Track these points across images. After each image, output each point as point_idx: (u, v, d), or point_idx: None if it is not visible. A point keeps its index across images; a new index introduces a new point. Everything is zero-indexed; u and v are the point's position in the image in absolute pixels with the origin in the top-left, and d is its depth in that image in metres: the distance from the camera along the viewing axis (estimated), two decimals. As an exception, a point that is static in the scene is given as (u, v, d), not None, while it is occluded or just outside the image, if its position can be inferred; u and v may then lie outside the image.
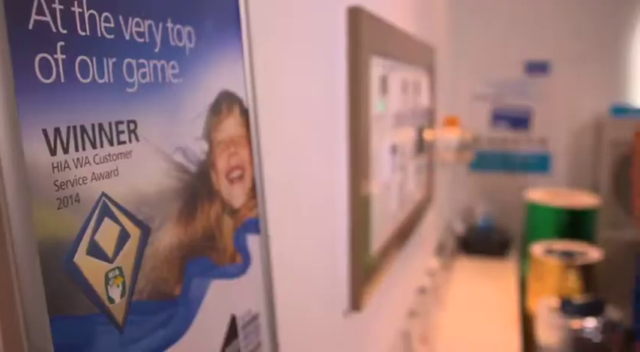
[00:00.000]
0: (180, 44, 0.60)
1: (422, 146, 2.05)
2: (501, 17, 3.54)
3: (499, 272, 3.11)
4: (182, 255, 0.59)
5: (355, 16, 1.14)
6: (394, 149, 1.52)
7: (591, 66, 3.46)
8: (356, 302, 1.23)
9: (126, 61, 0.52)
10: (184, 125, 0.60)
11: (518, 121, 3.51)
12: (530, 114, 3.48)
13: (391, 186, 1.59)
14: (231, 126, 0.70)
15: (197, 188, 0.62)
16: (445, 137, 2.85)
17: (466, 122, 3.58)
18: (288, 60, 0.89)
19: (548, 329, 2.51)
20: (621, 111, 3.13)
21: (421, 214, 2.18)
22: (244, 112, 0.73)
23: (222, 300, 0.67)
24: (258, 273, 0.76)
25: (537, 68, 3.34)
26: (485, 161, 3.65)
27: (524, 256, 3.18)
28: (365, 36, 1.18)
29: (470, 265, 3.25)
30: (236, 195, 0.70)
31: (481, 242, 3.35)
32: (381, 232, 1.50)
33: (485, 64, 3.58)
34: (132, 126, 0.52)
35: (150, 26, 0.55)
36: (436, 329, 2.38)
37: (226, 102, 0.69)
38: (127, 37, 0.52)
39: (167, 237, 0.57)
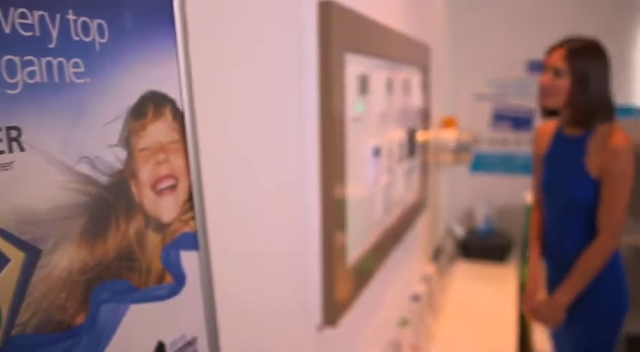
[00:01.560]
0: (87, 39, 0.53)
1: (413, 148, 1.97)
2: (503, 16, 3.45)
3: (499, 277, 3.02)
4: (87, 279, 0.52)
5: (326, 10, 1.06)
6: (378, 151, 1.45)
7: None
8: (331, 316, 1.16)
9: (5, 58, 0.45)
10: (93, 131, 0.53)
11: (520, 121, 3.41)
12: (533, 114, 3.38)
13: (375, 190, 1.51)
14: (159, 130, 0.62)
15: (109, 202, 0.55)
16: (443, 138, 2.77)
17: (467, 122, 3.49)
18: (242, 58, 0.82)
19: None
20: (625, 111, 3.02)
21: (413, 218, 2.10)
22: (178, 115, 0.65)
23: (145, 326, 0.60)
24: (195, 293, 0.68)
25: (540, 68, 3.22)
26: (486, 162, 3.55)
27: (525, 260, 3.08)
28: (337, 32, 1.10)
29: (469, 270, 3.16)
30: (166, 208, 0.63)
31: (481, 246, 3.26)
32: (362, 239, 1.42)
33: (487, 63, 3.49)
34: (13, 133, 0.45)
35: (42, 18, 0.48)
36: (429, 337, 2.30)
37: (153, 105, 0.61)
38: (8, 31, 0.45)
39: (65, 259, 0.50)
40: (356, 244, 1.36)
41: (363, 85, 1.29)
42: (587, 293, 1.66)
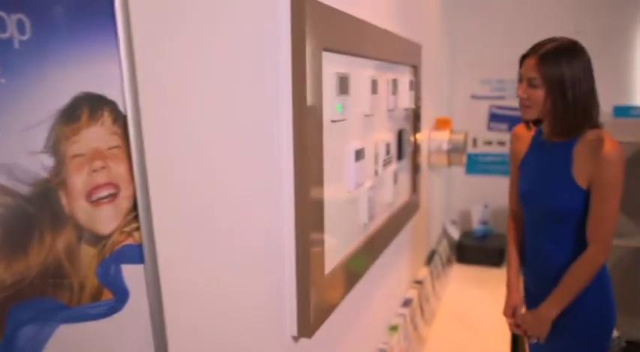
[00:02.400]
0: (4, 36, 0.48)
1: (403, 149, 1.92)
2: (500, 15, 3.40)
3: (494, 281, 2.96)
4: (2, 298, 0.47)
5: (300, 6, 1.01)
6: (361, 154, 1.40)
7: (593, 65, 3.30)
8: (306, 327, 1.11)
9: None
10: (10, 136, 0.48)
11: (517, 122, 3.35)
12: (530, 114, 3.33)
13: (359, 193, 1.46)
14: (96, 135, 0.58)
15: (31, 214, 0.50)
16: (437, 139, 2.72)
17: (463, 123, 3.44)
18: (203, 55, 0.77)
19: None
20: (624, 112, 2.97)
21: (403, 221, 2.05)
22: (120, 119, 0.61)
23: (77, 348, 0.55)
24: (141, 310, 0.64)
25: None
26: (482, 164, 3.50)
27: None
28: (312, 29, 1.05)
29: (464, 274, 3.11)
30: (104, 219, 0.58)
31: (477, 249, 3.21)
32: (344, 244, 1.37)
33: (484, 63, 3.44)
34: None
35: (-57, 12, 0.43)
36: (420, 343, 2.25)
37: (88, 107, 0.57)
38: None
39: (-27, 278, 0.45)
40: (337, 250, 1.31)
41: (344, 84, 1.24)
42: (573, 307, 1.58)
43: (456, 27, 3.53)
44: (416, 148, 2.19)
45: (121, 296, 0.61)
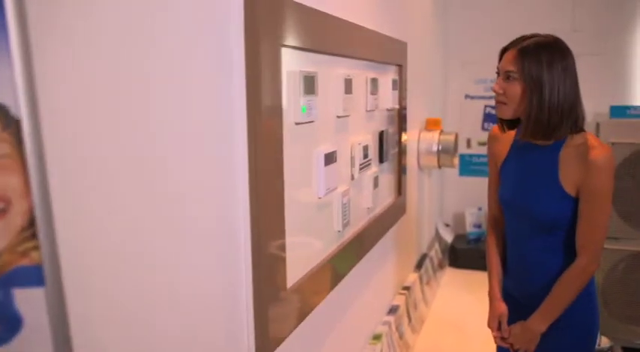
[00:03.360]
0: None
1: (385, 151, 1.84)
2: (495, 15, 3.32)
3: (488, 285, 2.88)
4: None
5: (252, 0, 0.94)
6: (332, 157, 1.32)
7: (590, 64, 3.22)
8: (264, 343, 1.03)
9: None
10: None
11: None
12: (525, 114, 3.26)
13: (332, 199, 1.39)
14: (-23, 143, 0.51)
15: None
16: (426, 140, 2.64)
17: (457, 123, 3.37)
18: (129, 49, 0.70)
19: None
20: (621, 112, 2.88)
21: (387, 227, 1.98)
22: (11, 125, 0.54)
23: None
24: (39, 340, 0.56)
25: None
26: (476, 165, 3.42)
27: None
28: (269, 24, 0.98)
29: (457, 278, 3.03)
30: (-12, 238, 0.51)
31: (470, 253, 3.13)
32: (314, 254, 1.30)
33: (478, 63, 3.36)
34: None
35: None
36: None
37: (-34, 111, 0.50)
38: None
39: None
40: (305, 259, 1.24)
41: (309, 84, 1.16)
42: (559, 318, 1.50)
43: (450, 26, 3.45)
44: (401, 150, 2.12)
45: (10, 324, 0.53)
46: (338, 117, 1.40)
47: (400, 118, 2.09)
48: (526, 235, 1.56)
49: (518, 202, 1.56)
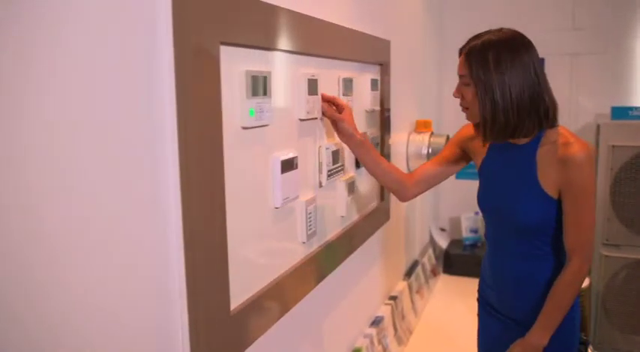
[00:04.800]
0: None
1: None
2: (492, 11, 3.19)
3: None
4: None
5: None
6: (292, 164, 1.22)
7: (590, 63, 3.09)
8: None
9: None
10: None
11: None
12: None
13: (293, 209, 1.29)
14: None
15: None
16: (416, 142, 2.53)
17: (453, 124, 3.24)
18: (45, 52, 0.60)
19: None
20: (622, 113, 2.75)
21: (368, 234, 1.87)
22: None
23: None
24: None
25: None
26: (473, 168, 3.29)
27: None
28: (202, 19, 0.88)
29: (450, 286, 2.90)
30: None
31: (465, 259, 3.00)
32: (270, 269, 1.20)
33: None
34: None
35: None
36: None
37: None
38: None
39: None
40: (256, 278, 1.14)
41: (258, 84, 1.06)
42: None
43: (447, 24, 3.34)
44: (384, 153, 2.01)
45: None
46: (301, 120, 1.30)
47: (383, 120, 1.99)
48: (508, 242, 1.46)
49: (498, 206, 1.46)
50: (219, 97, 0.94)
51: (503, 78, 1.28)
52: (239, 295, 1.05)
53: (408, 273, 2.61)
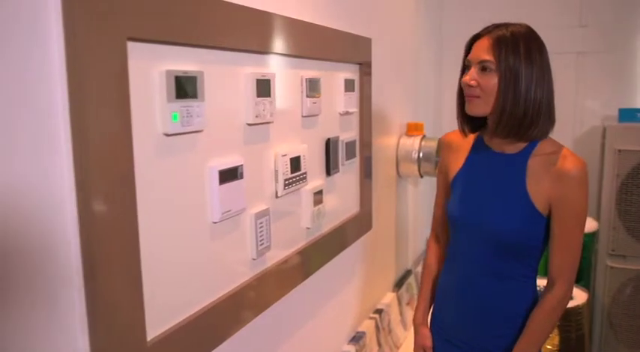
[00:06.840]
0: None
1: (333, 162, 1.61)
2: (495, 8, 3.03)
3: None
4: None
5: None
6: (232, 174, 1.10)
7: (597, 62, 2.91)
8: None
9: None
10: None
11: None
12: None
13: (241, 223, 1.17)
14: None
15: None
16: (406, 146, 2.39)
17: (450, 126, 3.10)
18: None
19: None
20: (630, 115, 2.57)
21: (341, 246, 1.74)
22: None
23: None
24: None
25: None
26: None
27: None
28: (99, 10, 0.77)
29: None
30: None
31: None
32: (200, 291, 1.08)
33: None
34: None
35: None
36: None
37: None
38: None
39: None
40: (186, 301, 1.02)
41: (186, 86, 0.95)
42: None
43: (445, 22, 3.19)
44: (364, 158, 1.88)
45: None
46: (249, 124, 1.18)
47: (364, 123, 1.86)
48: (483, 259, 1.32)
49: (476, 217, 1.32)
50: (128, 101, 0.83)
51: (531, 70, 1.21)
52: (160, 324, 0.94)
53: (398, 284, 2.48)
